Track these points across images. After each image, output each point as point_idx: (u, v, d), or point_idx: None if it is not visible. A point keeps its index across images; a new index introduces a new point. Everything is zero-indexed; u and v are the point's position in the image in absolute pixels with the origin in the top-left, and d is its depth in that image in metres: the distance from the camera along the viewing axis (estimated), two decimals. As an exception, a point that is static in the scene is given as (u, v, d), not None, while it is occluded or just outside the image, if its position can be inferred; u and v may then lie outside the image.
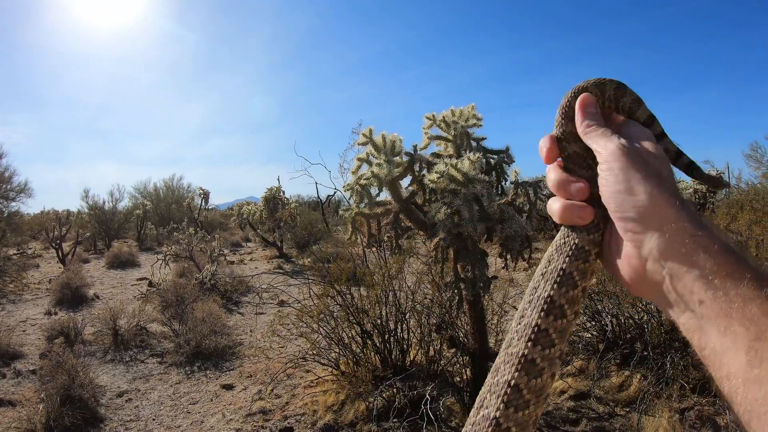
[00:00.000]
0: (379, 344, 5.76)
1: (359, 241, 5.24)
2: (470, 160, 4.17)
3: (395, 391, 5.26)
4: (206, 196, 22.56)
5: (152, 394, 6.69)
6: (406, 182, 4.71)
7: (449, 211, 4.15)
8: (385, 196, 4.63)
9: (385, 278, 5.79)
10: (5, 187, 20.63)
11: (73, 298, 11.85)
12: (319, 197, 20.62)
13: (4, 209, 20.90)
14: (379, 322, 5.74)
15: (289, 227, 18.72)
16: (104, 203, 26.00)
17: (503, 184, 5.12)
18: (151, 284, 13.45)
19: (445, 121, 4.71)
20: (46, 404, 5.75)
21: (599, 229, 0.74)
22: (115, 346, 8.36)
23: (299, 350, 6.78)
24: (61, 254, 18.04)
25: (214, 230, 23.16)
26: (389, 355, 5.74)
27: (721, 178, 0.74)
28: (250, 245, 24.04)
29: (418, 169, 4.64)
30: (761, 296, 0.56)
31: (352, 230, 4.74)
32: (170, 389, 6.80)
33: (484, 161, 4.76)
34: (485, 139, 4.94)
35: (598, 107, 0.77)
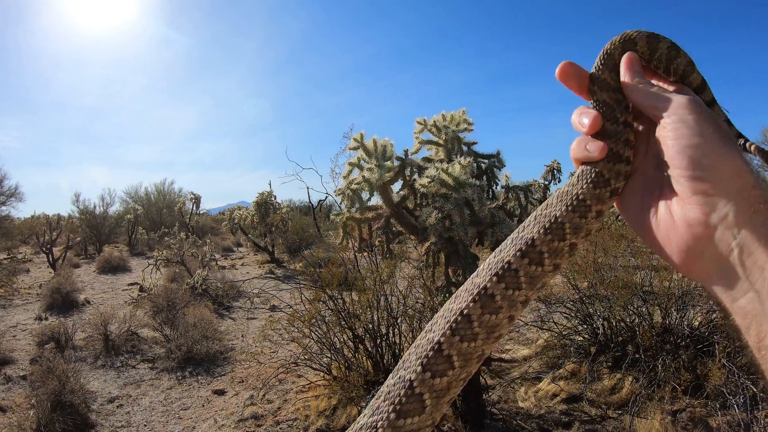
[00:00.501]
0: (370, 349, 5.75)
1: (351, 245, 5.24)
2: (461, 164, 4.18)
3: (387, 395, 5.25)
4: (197, 200, 22.51)
5: (143, 399, 6.65)
6: (397, 187, 4.73)
7: (440, 215, 4.16)
8: (376, 200, 4.64)
9: (376, 283, 5.78)
10: (-5, 191, 20.50)
11: (63, 303, 11.78)
12: (310, 202, 20.61)
13: (-6, 213, 20.77)
14: (370, 326, 5.73)
15: (280, 232, 18.69)
16: (95, 207, 25.89)
17: (494, 188, 5.14)
18: (142, 289, 13.38)
19: (436, 125, 4.73)
20: (36, 410, 5.71)
21: (607, 184, 0.68)
22: (106, 351, 8.31)
23: (291, 355, 6.76)
24: (51, 259, 17.93)
25: (205, 235, 23.09)
26: (381, 359, 5.73)
27: None
28: (241, 250, 24.00)
29: (409, 173, 4.65)
30: None
31: (343, 235, 4.74)
32: (161, 395, 6.77)
33: (474, 165, 4.78)
34: (476, 143, 4.97)
35: (641, 70, 0.71)
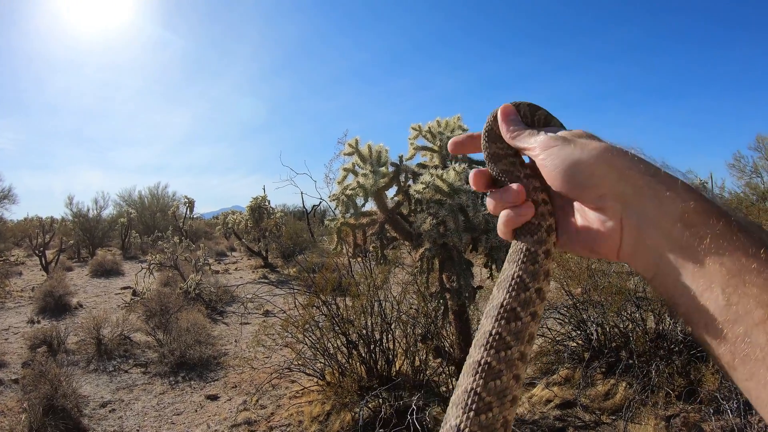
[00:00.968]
0: (364, 354, 5.74)
1: (345, 251, 5.24)
2: (456, 170, 4.19)
3: (381, 401, 5.25)
4: (191, 204, 22.46)
5: (136, 404, 6.62)
6: (391, 192, 4.73)
7: (435, 221, 4.16)
8: (370, 206, 4.64)
9: (370, 288, 5.78)
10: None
11: (56, 306, 11.72)
12: (304, 207, 20.59)
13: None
14: (364, 332, 5.72)
15: (274, 237, 18.67)
16: (88, 211, 25.83)
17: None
18: (135, 293, 13.33)
19: (431, 131, 4.74)
20: (28, 414, 5.67)
21: (540, 228, 0.77)
22: (98, 355, 8.27)
23: (284, 360, 6.76)
24: (44, 262, 17.84)
25: (198, 239, 23.07)
26: (375, 365, 5.73)
27: None
28: (235, 255, 23.93)
29: (403, 179, 4.66)
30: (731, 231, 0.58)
31: (337, 240, 4.74)
32: (154, 400, 6.74)
33: (469, 172, 4.78)
34: (471, 149, 4.97)
35: (518, 115, 0.82)
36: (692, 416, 4.91)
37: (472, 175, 0.85)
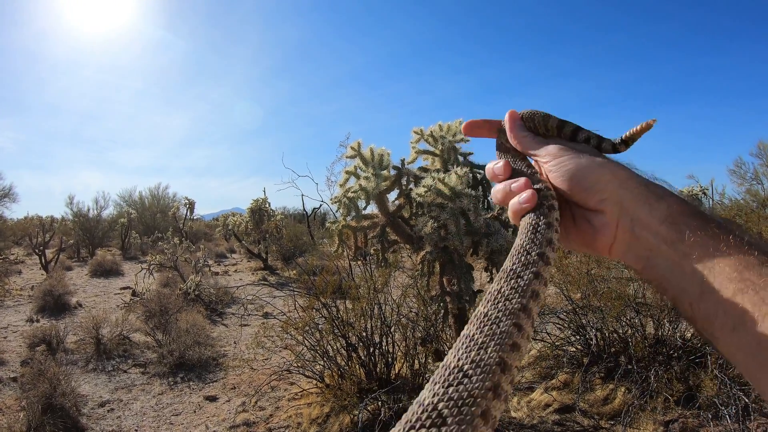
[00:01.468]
0: (364, 357, 5.75)
1: (345, 253, 5.25)
2: (457, 174, 4.20)
3: (380, 404, 5.25)
4: (191, 206, 22.47)
5: (135, 404, 6.62)
6: (393, 196, 4.74)
7: (436, 224, 4.18)
8: (372, 209, 4.66)
9: (370, 291, 5.79)
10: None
11: (55, 305, 11.72)
12: (305, 209, 20.58)
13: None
14: (364, 335, 5.73)
15: (274, 239, 18.66)
16: (89, 210, 25.86)
17: (489, 198, 5.16)
18: (134, 293, 13.34)
19: (432, 135, 4.75)
20: (27, 412, 5.68)
21: (542, 206, 0.82)
22: (97, 355, 8.28)
23: (284, 362, 6.75)
24: (44, 261, 17.85)
25: (198, 241, 23.07)
26: (374, 368, 5.73)
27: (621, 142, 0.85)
28: (234, 256, 23.93)
29: (405, 182, 4.67)
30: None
31: (338, 243, 4.75)
32: (153, 400, 6.74)
33: (471, 176, 4.80)
34: (472, 154, 4.99)
35: (521, 121, 0.91)
36: (691, 422, 4.92)
37: (503, 164, 0.89)
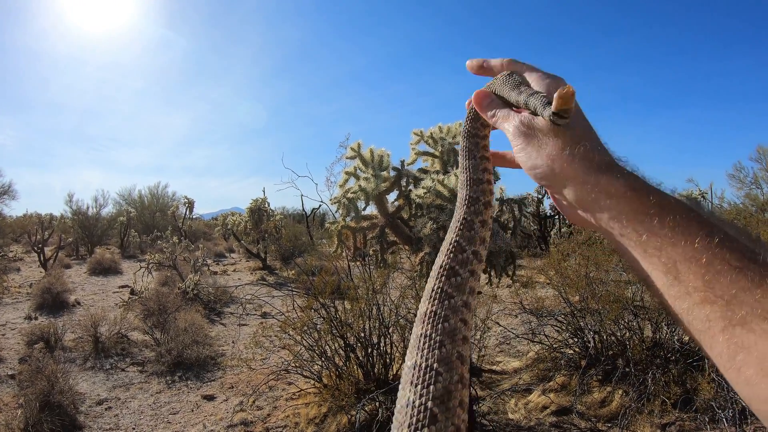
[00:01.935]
0: (362, 358, 5.75)
1: (344, 254, 5.25)
2: (457, 176, 4.21)
3: (378, 404, 5.26)
4: (191, 205, 22.48)
5: (132, 402, 6.62)
6: (392, 197, 4.75)
7: (435, 226, 4.18)
8: (371, 210, 4.66)
9: (369, 292, 5.79)
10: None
11: (53, 303, 11.74)
12: (304, 210, 20.57)
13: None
14: (362, 335, 5.73)
15: (273, 239, 18.66)
16: (88, 209, 25.86)
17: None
18: (133, 292, 13.34)
19: (432, 137, 4.75)
20: (24, 410, 5.68)
21: (478, 201, 0.83)
22: (95, 353, 8.28)
23: (282, 362, 6.75)
24: (42, 258, 17.85)
25: (198, 240, 23.05)
26: (372, 368, 5.74)
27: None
28: (233, 256, 23.94)
29: (404, 184, 4.68)
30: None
31: (337, 243, 4.76)
32: (151, 398, 6.74)
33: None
34: (472, 155, 4.98)
35: (492, 97, 0.85)
36: (688, 425, 4.93)
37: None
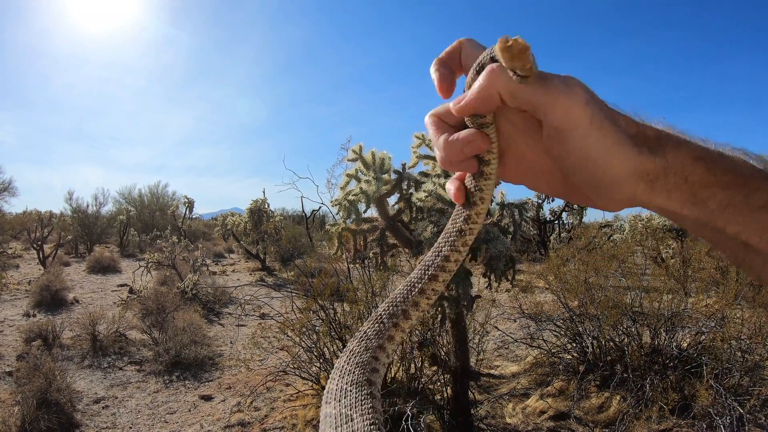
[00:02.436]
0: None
1: (344, 256, 5.26)
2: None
3: (375, 407, 5.25)
4: (191, 205, 22.49)
5: (130, 402, 6.62)
6: (393, 200, 4.76)
7: (435, 229, 4.19)
8: (372, 212, 4.66)
9: (368, 294, 5.80)
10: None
11: (52, 300, 11.73)
12: (303, 211, 20.58)
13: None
14: (361, 337, 5.73)
15: (273, 240, 18.67)
16: (88, 207, 25.83)
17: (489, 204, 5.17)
18: (131, 291, 13.33)
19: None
20: (21, 407, 5.68)
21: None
22: (93, 351, 8.27)
23: (280, 363, 6.75)
24: (42, 256, 17.85)
25: (197, 240, 23.07)
26: (370, 370, 5.73)
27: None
28: (233, 256, 23.92)
29: (405, 187, 4.68)
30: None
31: (338, 245, 4.76)
32: (148, 398, 6.74)
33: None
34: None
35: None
36: (685, 431, 4.93)
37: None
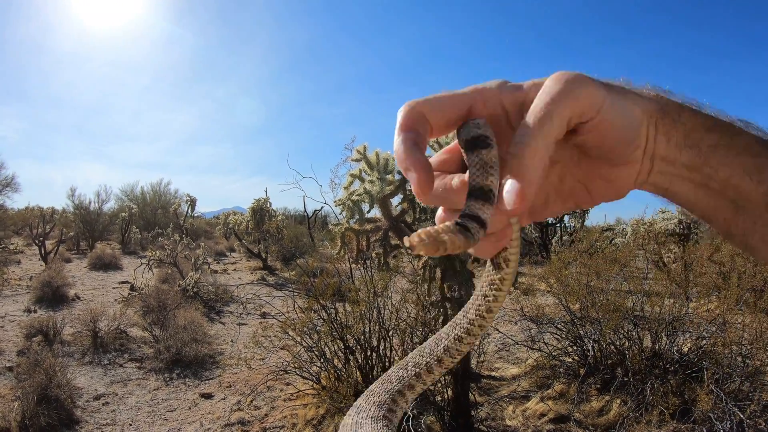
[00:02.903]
0: (361, 360, 5.75)
1: (346, 256, 5.26)
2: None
3: (376, 407, 5.24)
4: (193, 203, 22.51)
5: (130, 398, 6.63)
6: (397, 200, 4.75)
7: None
8: (375, 213, 4.66)
9: (370, 295, 5.79)
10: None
11: (53, 297, 11.73)
12: (306, 211, 20.57)
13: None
14: (362, 338, 5.73)
15: (274, 239, 18.66)
16: (90, 203, 25.83)
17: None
18: (133, 288, 13.33)
19: (438, 142, 4.76)
20: (21, 402, 5.68)
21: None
22: (94, 348, 8.28)
23: (281, 362, 6.75)
24: (43, 252, 17.85)
25: (199, 238, 23.05)
26: (371, 371, 5.73)
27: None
28: (234, 255, 23.89)
29: (409, 187, 4.68)
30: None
31: (340, 245, 4.76)
32: (148, 395, 6.74)
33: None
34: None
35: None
36: (685, 436, 4.93)
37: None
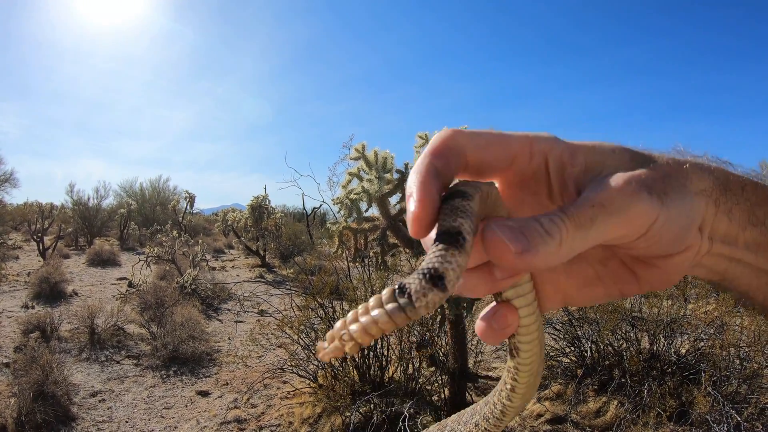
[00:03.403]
0: (358, 359, 5.74)
1: (344, 254, 5.24)
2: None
3: (373, 407, 5.24)
4: (192, 200, 22.50)
5: (126, 395, 6.61)
6: (395, 199, 4.74)
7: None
8: (373, 211, 4.65)
9: (367, 294, 5.78)
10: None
11: (51, 292, 11.72)
12: (304, 209, 20.53)
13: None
14: (360, 336, 5.71)
15: (273, 237, 18.64)
16: (89, 199, 25.81)
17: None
18: (131, 285, 13.32)
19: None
20: (18, 399, 5.67)
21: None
22: (91, 344, 8.26)
23: (278, 360, 6.74)
24: (41, 247, 17.84)
25: (197, 235, 23.01)
26: (368, 370, 5.73)
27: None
28: (232, 252, 23.87)
29: (408, 187, 4.67)
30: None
31: (338, 244, 4.75)
32: (145, 392, 6.73)
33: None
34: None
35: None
36: (682, 438, 4.92)
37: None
